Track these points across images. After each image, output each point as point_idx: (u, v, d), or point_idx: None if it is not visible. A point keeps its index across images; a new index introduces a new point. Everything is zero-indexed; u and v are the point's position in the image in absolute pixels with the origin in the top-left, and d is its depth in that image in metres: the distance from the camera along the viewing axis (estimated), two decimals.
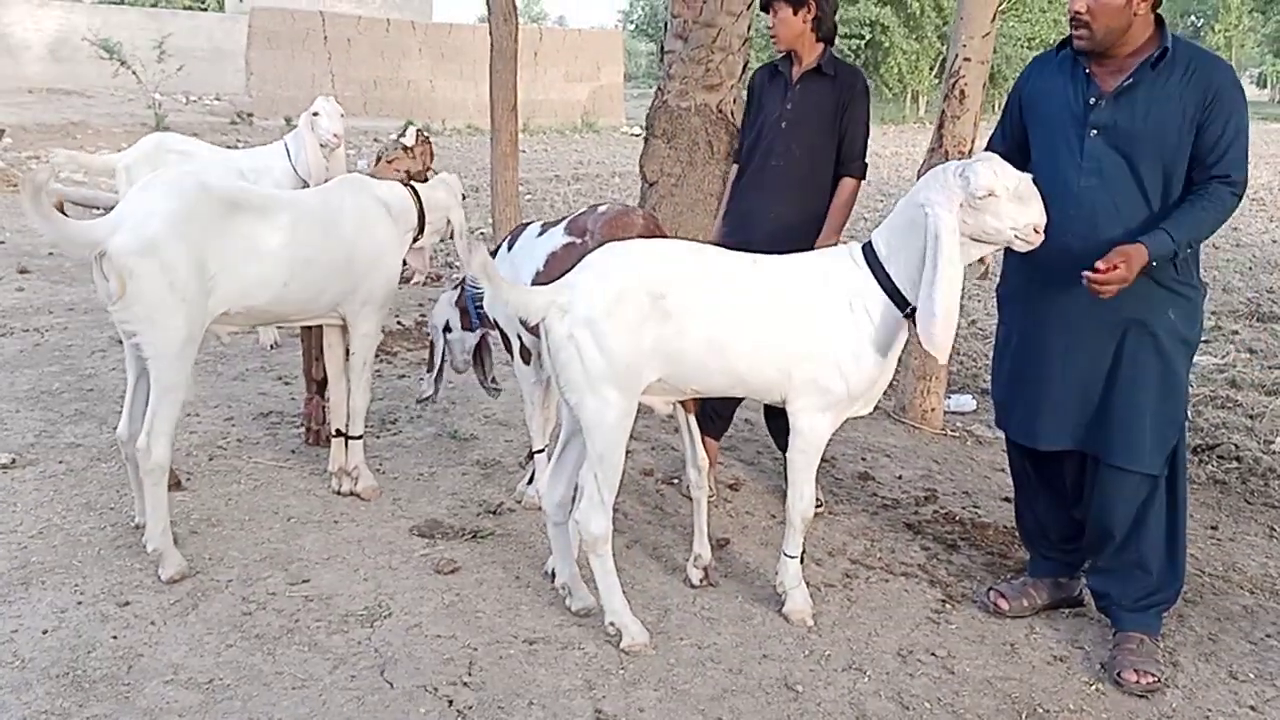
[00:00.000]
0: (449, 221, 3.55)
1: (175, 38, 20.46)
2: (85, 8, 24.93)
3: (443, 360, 3.64)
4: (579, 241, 3.08)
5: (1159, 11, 2.63)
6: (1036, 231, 2.55)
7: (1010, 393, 2.94)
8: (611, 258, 2.59)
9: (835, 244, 3.13)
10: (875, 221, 8.18)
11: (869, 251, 2.68)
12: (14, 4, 22.99)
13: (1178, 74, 2.55)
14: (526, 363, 3.27)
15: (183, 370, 2.80)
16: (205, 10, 31.77)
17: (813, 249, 3.04)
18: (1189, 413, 2.91)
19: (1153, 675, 2.64)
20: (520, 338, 3.21)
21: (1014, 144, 2.87)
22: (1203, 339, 2.87)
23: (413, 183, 3.48)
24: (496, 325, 3.35)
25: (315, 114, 4.95)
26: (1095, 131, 2.62)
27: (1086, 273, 2.49)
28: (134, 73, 17.49)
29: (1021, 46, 31.50)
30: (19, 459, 3.62)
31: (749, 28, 5.52)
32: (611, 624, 2.63)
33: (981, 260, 2.69)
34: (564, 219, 3.19)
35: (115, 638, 2.58)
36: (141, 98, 18.29)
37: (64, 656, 2.48)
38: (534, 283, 3.05)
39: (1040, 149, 2.78)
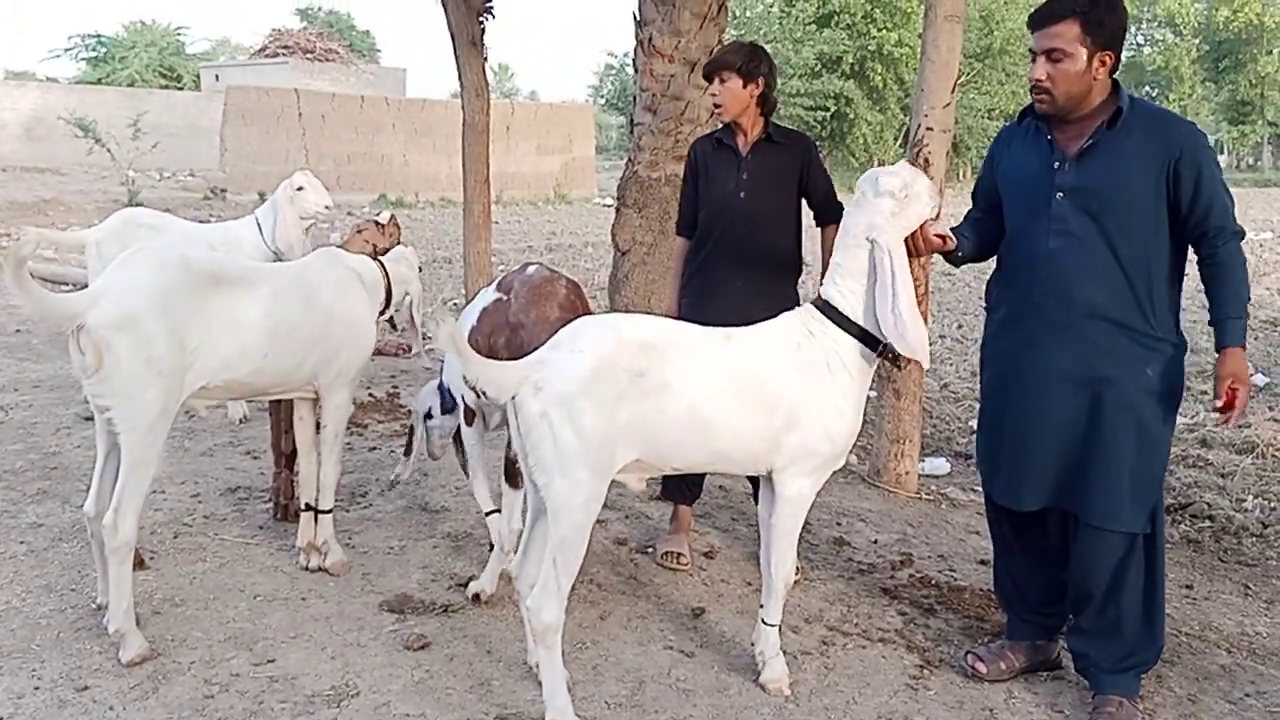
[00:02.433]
0: (407, 295, 3.59)
1: (151, 115, 20.69)
2: (62, 88, 25.20)
3: (419, 446, 3.66)
4: (504, 298, 3.18)
5: (1115, 76, 2.70)
6: (935, 191, 2.79)
7: (992, 455, 2.94)
8: (586, 333, 2.53)
9: None
10: None
11: (825, 306, 2.71)
12: None
13: (1137, 133, 2.62)
14: (470, 424, 3.26)
15: (155, 445, 2.76)
16: (181, 89, 32.15)
17: (791, 303, 3.12)
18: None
19: None
20: (464, 398, 3.21)
21: (989, 208, 2.96)
22: None
23: (379, 257, 3.51)
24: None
25: (300, 188, 4.93)
26: (1061, 194, 2.67)
27: (1219, 415, 2.61)
28: (108, 150, 17.58)
29: (981, 117, 32.46)
30: None
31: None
32: None
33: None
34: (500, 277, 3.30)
35: None
36: (115, 175, 18.38)
37: None
38: (470, 339, 3.09)
39: (1012, 214, 2.84)
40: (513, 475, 3.15)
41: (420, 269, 3.80)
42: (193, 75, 34.68)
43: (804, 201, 3.59)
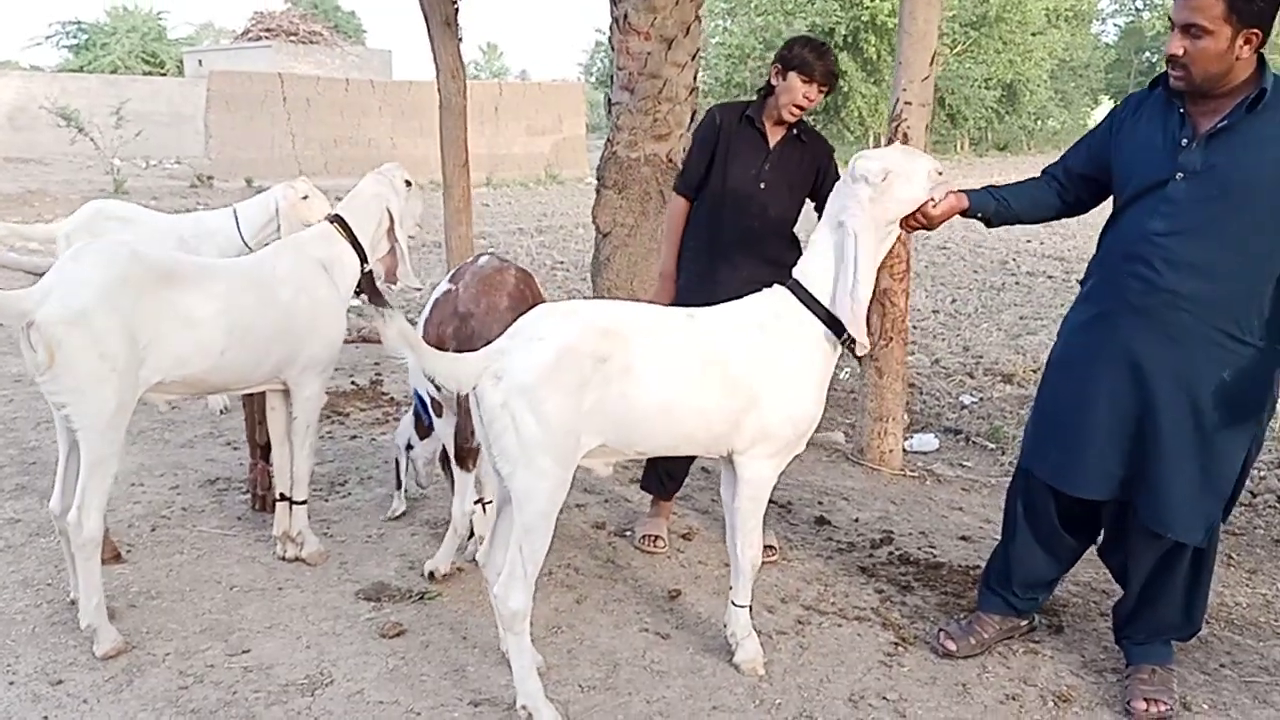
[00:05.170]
0: (389, 213, 3.43)
1: (134, 103, 20.52)
2: (45, 76, 24.95)
3: (406, 479, 3.74)
4: (453, 289, 3.16)
5: (1262, 51, 2.45)
6: (939, 172, 2.66)
7: (1041, 431, 2.86)
8: (546, 321, 2.49)
9: None
10: None
11: (795, 287, 2.69)
12: None
13: (1277, 117, 2.40)
14: (439, 415, 3.26)
15: (113, 442, 2.73)
16: (164, 75, 31.87)
17: None
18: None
19: (1165, 704, 2.63)
20: (428, 394, 3.22)
21: (1074, 176, 2.82)
22: None
23: (337, 214, 3.41)
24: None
25: (305, 197, 4.81)
26: (1181, 175, 2.48)
27: None
28: (92, 139, 17.45)
29: (979, 87, 32.29)
30: None
31: (695, 77, 5.61)
32: (523, 707, 2.47)
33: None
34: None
35: (46, 718, 2.50)
36: (100, 164, 18.24)
37: None
38: (424, 331, 3.08)
39: (1122, 188, 2.66)
40: (462, 458, 3.16)
41: (409, 182, 3.58)
42: (175, 61, 34.41)
43: (810, 201, 3.52)
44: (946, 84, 30.76)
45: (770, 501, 4.03)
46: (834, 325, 2.65)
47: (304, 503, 3.38)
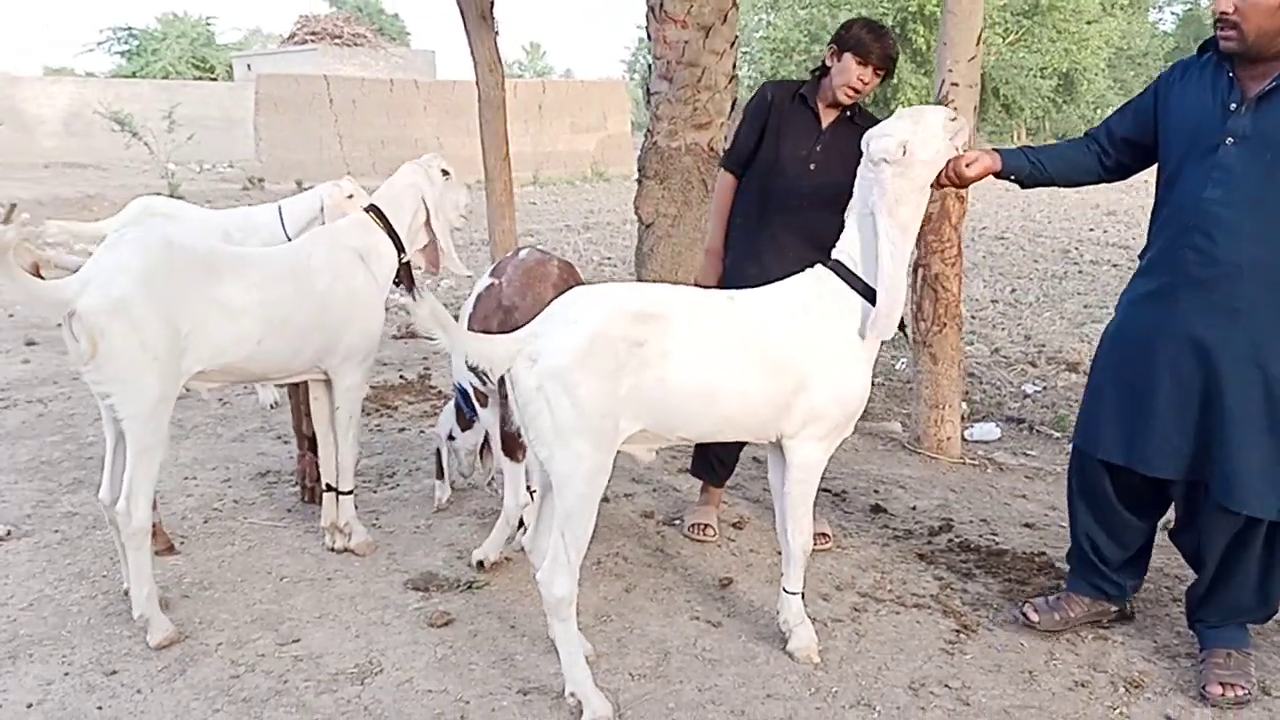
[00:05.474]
0: (424, 203, 3.38)
1: (186, 108, 20.90)
2: (99, 82, 25.48)
3: (449, 469, 3.72)
4: (496, 283, 3.13)
5: None
6: (952, 119, 2.65)
7: (1096, 409, 2.78)
8: (580, 304, 2.44)
9: None
10: None
11: (837, 266, 2.63)
12: (27, 80, 23.46)
13: None
14: (484, 405, 3.23)
15: (158, 430, 2.74)
16: (215, 80, 32.42)
17: None
18: None
19: (1242, 688, 2.54)
20: (470, 385, 3.20)
21: (1118, 141, 2.76)
22: None
23: (373, 204, 3.38)
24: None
25: (350, 196, 4.84)
26: (1231, 139, 2.43)
27: None
28: (145, 144, 17.81)
29: (1034, 76, 31.59)
30: (14, 530, 3.58)
31: (734, 64, 5.52)
32: (572, 694, 2.43)
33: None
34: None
35: (100, 708, 2.51)
36: (155, 168, 18.60)
37: None
38: (468, 324, 3.04)
39: (1169, 155, 2.60)
40: (511, 449, 3.12)
41: (446, 171, 3.52)
42: (225, 65, 35.01)
43: None
44: (1000, 73, 30.14)
45: (824, 490, 3.99)
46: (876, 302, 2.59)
47: (350, 493, 3.37)
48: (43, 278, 2.93)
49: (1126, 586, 2.93)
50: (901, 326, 2.73)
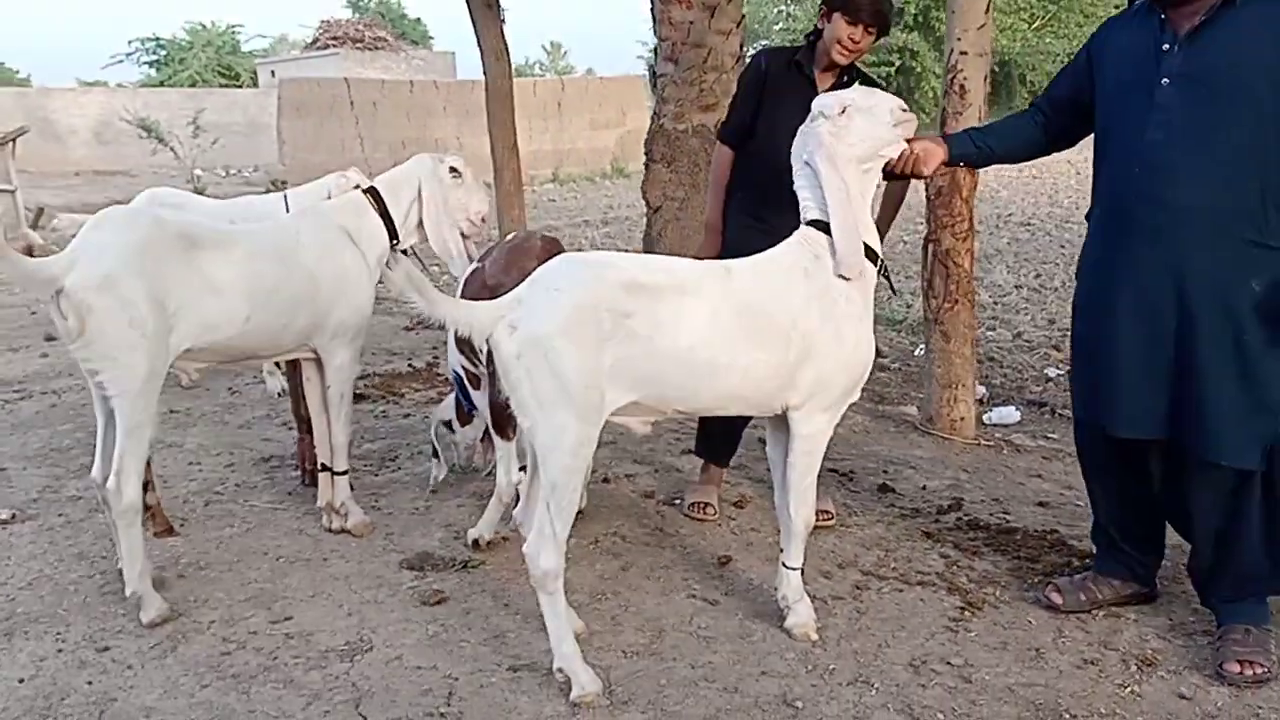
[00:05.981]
0: (419, 194, 3.32)
1: (212, 114, 21.07)
2: (127, 92, 25.82)
3: (444, 454, 3.71)
4: (481, 266, 3.14)
5: None
6: (903, 110, 2.62)
7: (1080, 374, 2.74)
8: (564, 271, 2.38)
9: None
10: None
11: (816, 223, 2.56)
12: (59, 91, 23.81)
13: (1259, 8, 2.31)
14: (476, 388, 3.19)
15: (147, 408, 2.73)
16: (240, 87, 32.75)
17: None
18: None
19: (1261, 666, 2.44)
20: (462, 367, 3.18)
21: (1060, 105, 2.74)
22: None
23: (372, 186, 3.36)
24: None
25: (357, 186, 4.82)
26: (1167, 80, 2.39)
27: None
28: (172, 149, 17.98)
29: (1061, 62, 31.19)
30: (19, 514, 3.59)
31: (740, 45, 5.46)
32: (559, 670, 2.39)
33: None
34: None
35: (90, 683, 2.50)
36: (182, 174, 18.78)
37: (37, 705, 2.40)
38: None
39: (1107, 104, 2.57)
40: (501, 426, 3.08)
41: (455, 170, 3.43)
42: (250, 72, 35.34)
43: None
44: (1027, 59, 29.80)
45: (831, 470, 3.91)
46: (868, 254, 2.55)
47: (345, 473, 3.34)
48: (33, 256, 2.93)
49: (1149, 563, 2.84)
50: (886, 276, 2.67)
